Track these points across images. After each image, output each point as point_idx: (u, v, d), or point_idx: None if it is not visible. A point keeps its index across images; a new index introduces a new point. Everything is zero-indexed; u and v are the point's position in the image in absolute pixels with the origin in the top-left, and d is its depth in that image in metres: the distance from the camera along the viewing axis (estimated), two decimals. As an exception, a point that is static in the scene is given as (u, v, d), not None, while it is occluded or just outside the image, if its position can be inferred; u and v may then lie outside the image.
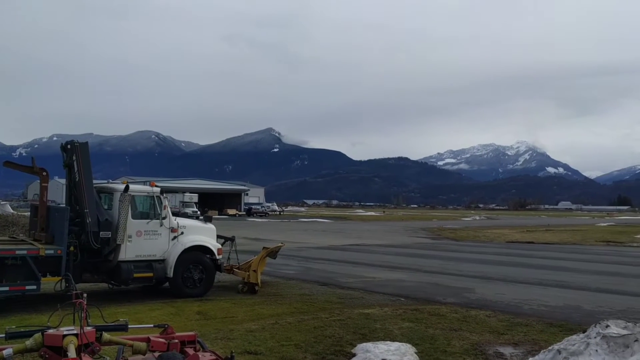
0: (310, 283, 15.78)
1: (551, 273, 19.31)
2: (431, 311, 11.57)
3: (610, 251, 30.95)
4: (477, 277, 17.85)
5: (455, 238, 41.00)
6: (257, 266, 14.32)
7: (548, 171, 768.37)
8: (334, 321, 10.39)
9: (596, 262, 24.03)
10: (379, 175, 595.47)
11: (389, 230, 51.49)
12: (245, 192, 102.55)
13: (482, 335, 9.46)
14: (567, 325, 10.34)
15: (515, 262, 23.25)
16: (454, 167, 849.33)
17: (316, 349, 8.42)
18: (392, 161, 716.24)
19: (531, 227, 58.92)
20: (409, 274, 18.31)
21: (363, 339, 8.90)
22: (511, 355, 8.20)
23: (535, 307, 12.62)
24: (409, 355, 7.81)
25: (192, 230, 13.87)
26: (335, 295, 13.64)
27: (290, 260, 21.43)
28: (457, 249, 30.74)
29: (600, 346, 5.00)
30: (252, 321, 10.42)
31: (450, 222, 77.67)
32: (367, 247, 29.98)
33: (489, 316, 11.21)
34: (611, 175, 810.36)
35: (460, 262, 22.56)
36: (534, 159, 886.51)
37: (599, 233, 48.87)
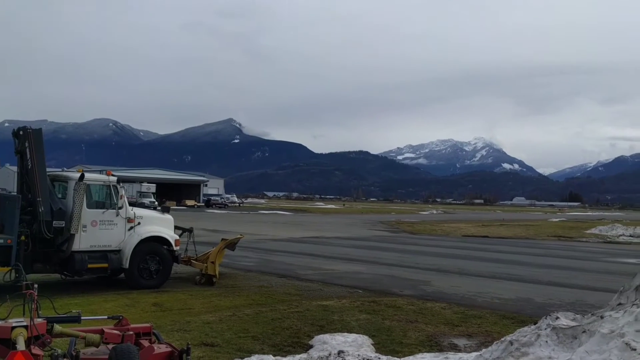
0: (269, 275, 15.75)
1: (504, 266, 19.80)
2: (388, 303, 11.71)
3: (561, 246, 31.92)
4: (433, 270, 18.15)
5: (413, 231, 41.56)
6: (215, 258, 14.21)
7: (504, 167, 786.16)
8: (292, 313, 10.41)
9: (547, 256, 24.75)
10: (339, 168, 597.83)
11: (349, 223, 51.82)
12: (204, 183, 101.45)
13: (437, 327, 9.63)
14: (519, 317, 10.62)
15: (471, 255, 23.73)
16: (413, 162, 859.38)
17: (274, 341, 8.42)
18: (352, 155, 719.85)
19: (486, 222, 60.20)
20: (367, 267, 18.48)
21: (320, 331, 8.95)
22: (465, 347, 8.37)
23: (489, 299, 12.92)
24: (366, 347, 7.89)
25: (149, 220, 13.65)
26: (294, 287, 13.65)
27: (249, 252, 21.34)
28: (415, 242, 31.18)
29: (550, 337, 5.16)
30: (209, 313, 10.33)
31: (408, 215, 78.68)
32: (327, 240, 30.10)
33: (444, 308, 11.42)
34: (563, 172, 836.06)
35: (417, 255, 22.89)
36: (490, 155, 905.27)
37: (550, 228, 50.32)
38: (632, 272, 6.42)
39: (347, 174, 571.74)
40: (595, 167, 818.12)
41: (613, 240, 38.07)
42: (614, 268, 20.50)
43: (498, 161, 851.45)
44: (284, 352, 7.68)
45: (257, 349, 7.90)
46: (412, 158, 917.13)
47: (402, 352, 7.73)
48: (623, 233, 41.76)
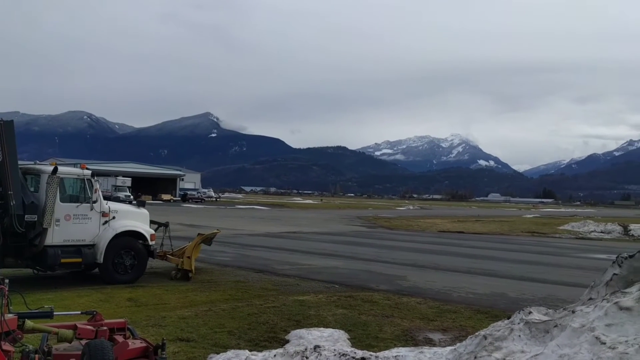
0: (246, 270, 15.70)
1: (479, 262, 20.04)
2: (364, 298, 11.77)
3: (535, 242, 32.41)
4: (409, 265, 18.28)
5: (390, 227, 41.81)
6: (192, 252, 14.12)
7: (480, 164, 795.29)
8: (269, 308, 10.40)
9: (521, 252, 25.11)
10: (317, 163, 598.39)
11: (326, 218, 51.90)
12: (180, 177, 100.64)
13: (412, 322, 9.71)
14: (493, 311, 10.77)
15: (446, 251, 23.96)
16: (390, 158, 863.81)
17: (250, 336, 8.40)
18: (330, 150, 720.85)
19: (462, 218, 60.86)
20: (344, 262, 18.54)
21: (297, 326, 8.96)
22: (440, 341, 8.46)
23: (463, 294, 13.06)
24: (342, 342, 7.92)
25: (125, 215, 13.49)
26: (271, 282, 13.64)
27: (225, 247, 21.24)
28: (391, 237, 31.37)
29: (523, 332, 5.23)
30: (184, 308, 10.27)
31: (385, 211, 79.13)
32: (304, 235, 30.11)
33: (420, 303, 11.52)
34: (538, 169, 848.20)
35: (393, 250, 23.03)
36: (466, 151, 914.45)
37: (524, 224, 51.06)
38: (602, 268, 6.55)
39: (325, 169, 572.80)
40: (568, 165, 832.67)
41: (585, 236, 38.81)
42: (585, 263, 20.89)
43: (474, 158, 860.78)
44: (260, 347, 7.66)
45: (233, 344, 7.87)
46: (389, 154, 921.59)
47: (378, 347, 7.78)
48: (594, 229, 42.58)
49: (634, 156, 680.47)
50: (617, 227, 42.43)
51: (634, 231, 41.15)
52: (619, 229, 41.74)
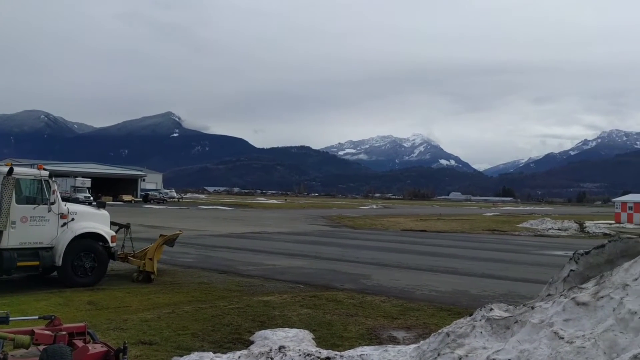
0: (209, 271, 15.55)
1: (442, 260, 20.32)
2: (329, 297, 11.81)
3: (495, 239, 33.06)
4: (373, 264, 18.41)
5: (354, 226, 42.02)
6: (154, 254, 13.90)
7: (441, 163, 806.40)
8: (233, 309, 10.33)
9: (482, 249, 25.58)
10: (281, 163, 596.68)
11: (290, 218, 51.82)
12: (142, 177, 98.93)
13: (377, 320, 9.78)
14: (456, 309, 10.93)
15: (409, 249, 24.22)
16: (353, 157, 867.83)
17: (214, 338, 8.32)
18: (294, 150, 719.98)
19: (424, 216, 61.62)
20: (308, 261, 18.55)
21: (261, 327, 8.92)
22: (404, 339, 8.54)
23: (426, 292, 13.23)
24: (307, 341, 7.92)
25: (84, 216, 13.19)
26: (235, 283, 13.54)
27: (188, 248, 21.00)
28: (355, 236, 31.54)
29: (484, 328, 5.33)
30: (147, 310, 10.11)
31: (349, 210, 79.51)
32: (268, 235, 30.00)
33: (384, 301, 11.62)
34: (497, 168, 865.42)
35: (357, 250, 23.15)
36: (428, 151, 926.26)
37: (485, 222, 52.05)
38: (560, 264, 6.73)
39: (289, 169, 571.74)
40: (526, 164, 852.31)
41: (543, 233, 39.79)
42: (543, 260, 21.42)
43: (435, 157, 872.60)
44: (224, 349, 7.60)
45: (196, 346, 7.79)
46: (352, 153, 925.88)
47: (343, 346, 7.81)
48: (552, 227, 43.69)
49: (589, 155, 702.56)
50: (574, 225, 43.63)
51: (589, 228, 42.42)
52: (576, 226, 42.94)
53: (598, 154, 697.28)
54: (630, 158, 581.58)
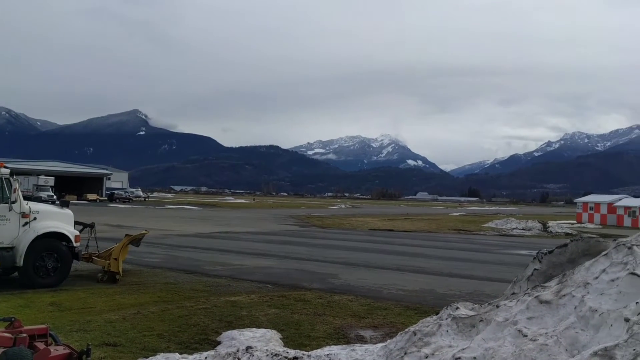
0: (176, 271, 15.37)
1: (409, 259, 20.52)
2: (297, 297, 11.80)
3: (461, 239, 33.55)
4: (341, 264, 18.47)
5: (322, 226, 42.09)
6: (119, 254, 13.67)
7: (408, 163, 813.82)
8: (200, 310, 10.23)
9: (448, 249, 25.92)
10: (249, 162, 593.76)
11: (259, 217, 51.62)
12: (107, 176, 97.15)
13: (344, 319, 9.82)
14: (422, 307, 11.05)
15: (377, 248, 24.38)
16: (322, 157, 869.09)
17: (180, 338, 8.23)
18: (263, 149, 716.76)
19: (392, 216, 62.13)
20: (276, 261, 18.50)
21: (229, 327, 8.86)
22: (371, 338, 8.59)
23: (394, 291, 13.33)
24: (274, 341, 7.90)
25: (47, 215, 12.88)
26: (202, 284, 13.42)
27: (154, 248, 20.72)
28: (324, 236, 31.60)
29: (450, 327, 5.40)
30: (111, 311, 9.93)
31: (318, 210, 79.62)
32: (236, 235, 29.82)
33: (352, 301, 11.66)
34: (463, 169, 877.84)
35: (326, 249, 23.20)
36: (396, 151, 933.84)
37: (451, 222, 52.76)
38: (524, 263, 6.86)
39: (258, 168, 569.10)
40: (492, 165, 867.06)
41: (507, 233, 40.53)
42: (508, 259, 21.82)
43: (403, 157, 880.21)
44: (190, 350, 7.52)
45: (162, 347, 7.69)
46: (321, 153, 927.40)
47: (310, 346, 7.81)
48: (516, 226, 44.55)
49: (552, 156, 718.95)
50: (537, 224, 44.59)
51: (552, 228, 43.41)
52: (539, 226, 43.89)
53: (561, 156, 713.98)
54: (591, 160, 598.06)
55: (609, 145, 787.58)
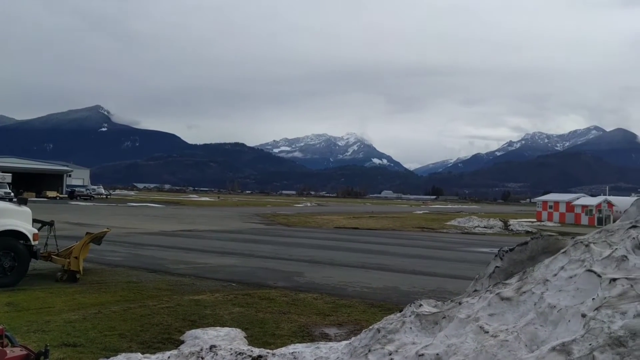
0: (138, 270, 15.13)
1: (373, 257, 20.66)
2: (262, 295, 11.75)
3: (425, 237, 33.95)
4: (306, 262, 18.48)
5: (288, 224, 42.03)
6: (79, 253, 13.37)
7: (374, 162, 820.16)
8: (162, 308, 10.09)
9: (412, 246, 26.20)
10: (214, 160, 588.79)
11: (223, 215, 51.21)
12: (67, 173, 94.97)
13: (309, 317, 9.82)
14: (386, 305, 11.13)
15: (342, 246, 24.48)
16: (288, 155, 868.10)
17: (142, 338, 8.10)
18: (228, 146, 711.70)
19: (357, 214, 62.45)
20: (241, 260, 18.39)
21: (192, 326, 8.76)
22: (335, 335, 8.62)
23: (358, 289, 13.40)
24: (239, 340, 7.85)
25: (3, 213, 12.50)
26: (165, 282, 13.24)
27: (116, 246, 20.35)
28: (289, 234, 31.55)
29: (414, 324, 5.45)
30: (71, 311, 9.71)
31: (284, 208, 79.44)
32: (200, 233, 29.53)
33: (316, 299, 11.68)
34: (427, 168, 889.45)
35: (291, 247, 23.18)
36: (361, 150, 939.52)
37: (415, 220, 53.34)
38: (486, 261, 6.97)
39: (222, 165, 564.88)
40: (455, 164, 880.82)
41: (470, 231, 41.24)
42: (470, 257, 22.19)
43: (368, 156, 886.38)
44: (153, 349, 7.41)
45: (124, 347, 7.56)
46: (287, 151, 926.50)
47: (275, 344, 7.79)
48: (478, 224, 45.36)
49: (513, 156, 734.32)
50: (499, 223, 45.51)
51: (513, 226, 44.35)
52: (500, 224, 44.80)
53: (522, 155, 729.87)
54: (551, 159, 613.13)
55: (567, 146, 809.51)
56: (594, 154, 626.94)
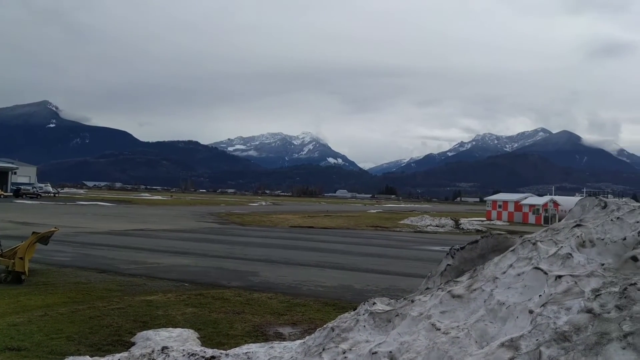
0: (88, 270, 14.74)
1: (328, 255, 20.75)
2: (215, 295, 11.63)
3: (378, 235, 34.32)
4: (261, 261, 18.40)
5: (242, 223, 41.74)
6: (25, 253, 12.91)
7: (329, 161, 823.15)
8: (113, 310, 9.86)
9: (366, 245, 26.45)
10: (167, 158, 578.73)
11: (176, 215, 50.43)
12: (12, 170, 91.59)
13: (263, 317, 9.78)
14: (340, 303, 11.20)
15: (297, 245, 24.49)
16: (243, 154, 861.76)
17: (91, 340, 7.89)
18: (181, 144, 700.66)
19: (312, 213, 62.55)
20: (194, 259, 18.15)
21: (144, 327, 8.60)
22: (289, 335, 8.62)
23: (313, 287, 13.44)
24: (191, 341, 7.75)
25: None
26: (115, 283, 12.94)
27: (64, 246, 19.76)
28: (244, 233, 31.34)
29: (367, 322, 5.50)
30: (16, 314, 9.37)
31: (238, 207, 78.80)
32: (152, 232, 28.99)
33: (271, 298, 11.65)
34: (381, 167, 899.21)
35: (246, 247, 23.03)
36: (317, 149, 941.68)
37: (369, 219, 53.83)
38: (437, 259, 7.10)
39: (176, 164, 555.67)
40: (408, 163, 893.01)
41: (422, 229, 41.93)
42: (423, 255, 22.55)
43: (324, 155, 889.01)
44: (102, 352, 7.24)
45: (72, 350, 7.35)
46: (242, 150, 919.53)
47: (229, 344, 7.72)
48: (430, 223, 46.18)
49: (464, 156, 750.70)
50: (450, 222, 46.44)
51: (463, 225, 45.34)
52: (452, 223, 45.73)
53: (473, 156, 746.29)
54: (500, 160, 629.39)
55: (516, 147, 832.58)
56: (541, 155, 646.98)
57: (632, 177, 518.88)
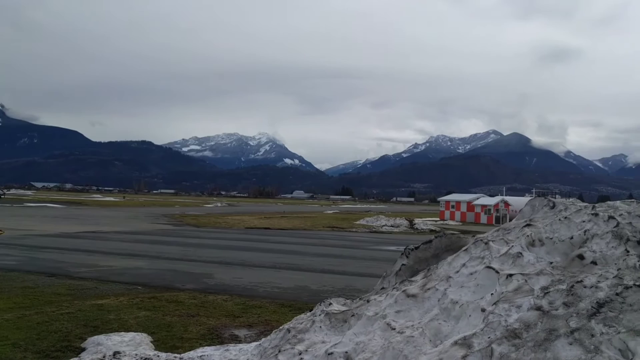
0: (36, 274, 14.25)
1: (284, 256, 20.70)
2: (169, 298, 11.44)
3: (334, 236, 34.45)
4: (216, 263, 18.20)
5: (197, 224, 41.21)
6: (-32, 257, 12.41)
7: (286, 162, 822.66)
8: (62, 315, 9.56)
9: (322, 245, 26.51)
10: (119, 158, 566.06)
11: (129, 216, 49.37)
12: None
13: (218, 320, 9.68)
14: (297, 304, 11.18)
15: (253, 247, 24.33)
16: (198, 154, 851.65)
17: (39, 347, 7.63)
18: (134, 144, 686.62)
19: (268, 214, 62.33)
20: (148, 262, 17.81)
21: (95, 332, 8.38)
22: (245, 337, 8.55)
23: (269, 289, 13.38)
24: (144, 345, 7.60)
25: None
26: (65, 287, 12.56)
27: (11, 249, 19.07)
28: (199, 235, 30.94)
29: (323, 323, 5.51)
30: (-42, 321, 8.98)
31: (193, 208, 77.77)
32: (104, 235, 28.29)
33: (226, 300, 11.53)
34: (338, 168, 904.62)
35: (200, 248, 22.74)
36: (273, 150, 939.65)
37: (325, 220, 54.01)
38: (393, 259, 7.18)
39: (128, 164, 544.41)
40: (364, 164, 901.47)
41: (377, 230, 42.33)
42: (378, 255, 22.76)
43: (280, 156, 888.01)
44: (51, 359, 7.02)
45: (18, 357, 7.09)
46: (197, 150, 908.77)
47: (183, 348, 7.61)
48: (385, 223, 46.67)
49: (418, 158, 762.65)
50: (405, 222, 47.04)
51: (418, 225, 46.01)
52: (406, 223, 46.33)
53: (426, 157, 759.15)
54: (453, 161, 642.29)
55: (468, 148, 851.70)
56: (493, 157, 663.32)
57: (578, 178, 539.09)
